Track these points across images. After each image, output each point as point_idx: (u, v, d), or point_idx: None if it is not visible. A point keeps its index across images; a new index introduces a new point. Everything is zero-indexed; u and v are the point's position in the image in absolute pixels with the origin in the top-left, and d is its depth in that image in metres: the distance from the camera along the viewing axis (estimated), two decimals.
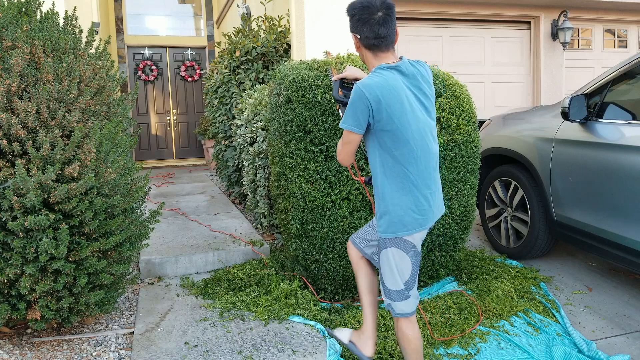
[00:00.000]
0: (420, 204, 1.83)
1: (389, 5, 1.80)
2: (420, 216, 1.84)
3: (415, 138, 1.79)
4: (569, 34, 7.24)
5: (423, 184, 1.83)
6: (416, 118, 1.79)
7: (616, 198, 2.81)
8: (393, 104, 1.73)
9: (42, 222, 2.05)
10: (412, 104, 1.79)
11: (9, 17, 2.31)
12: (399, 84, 1.77)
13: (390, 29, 1.80)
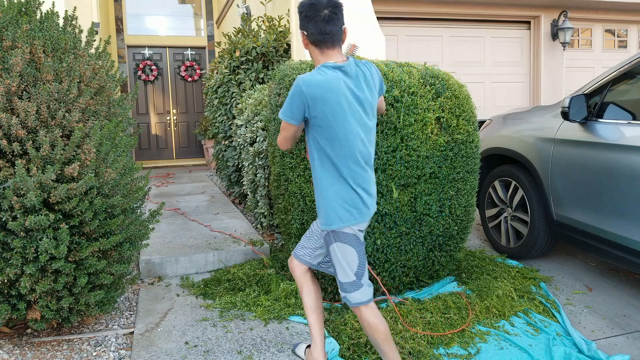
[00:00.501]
0: (352, 199, 1.91)
1: (336, 4, 1.87)
2: (354, 209, 1.91)
3: (348, 138, 1.86)
4: (569, 34, 7.24)
5: (354, 181, 1.90)
6: (351, 119, 1.86)
7: (616, 198, 2.81)
8: (329, 103, 1.81)
9: (42, 222, 2.05)
10: (350, 105, 1.86)
11: (9, 17, 2.31)
12: (340, 84, 1.83)
13: (335, 27, 1.85)
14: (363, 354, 2.35)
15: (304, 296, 2.18)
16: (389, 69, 2.85)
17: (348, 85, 1.86)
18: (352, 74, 1.88)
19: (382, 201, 2.78)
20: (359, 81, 1.90)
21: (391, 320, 2.62)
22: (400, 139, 2.76)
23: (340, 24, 1.88)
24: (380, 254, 2.87)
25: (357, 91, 1.88)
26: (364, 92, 1.91)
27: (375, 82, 2.00)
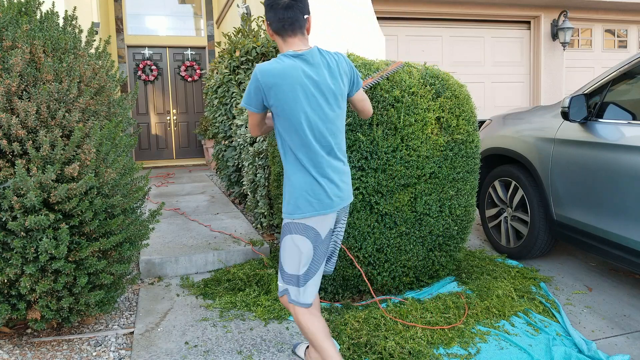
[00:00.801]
0: (313, 189, 1.86)
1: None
2: (315, 200, 1.86)
3: (303, 127, 1.83)
4: (569, 34, 7.24)
5: (316, 170, 1.86)
6: (307, 108, 1.83)
7: (616, 198, 2.81)
8: (285, 90, 1.79)
9: (42, 222, 2.05)
10: (307, 94, 1.82)
11: (9, 17, 2.31)
12: (297, 72, 1.81)
13: (295, 14, 1.85)
14: (363, 354, 2.35)
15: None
16: None
17: (307, 73, 1.83)
18: (314, 62, 1.86)
19: (382, 201, 2.78)
20: (321, 69, 1.86)
21: (391, 321, 2.62)
22: (400, 139, 2.76)
23: (301, 11, 1.87)
24: (380, 254, 2.88)
25: (318, 79, 1.85)
26: (326, 81, 1.87)
27: (342, 71, 1.94)
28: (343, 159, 1.97)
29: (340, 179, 1.93)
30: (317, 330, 1.92)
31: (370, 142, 2.72)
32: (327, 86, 1.87)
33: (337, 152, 1.93)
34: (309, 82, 1.83)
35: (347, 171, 2.00)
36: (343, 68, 1.95)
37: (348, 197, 1.99)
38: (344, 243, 2.81)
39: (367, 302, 2.92)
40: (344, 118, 1.97)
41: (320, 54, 1.90)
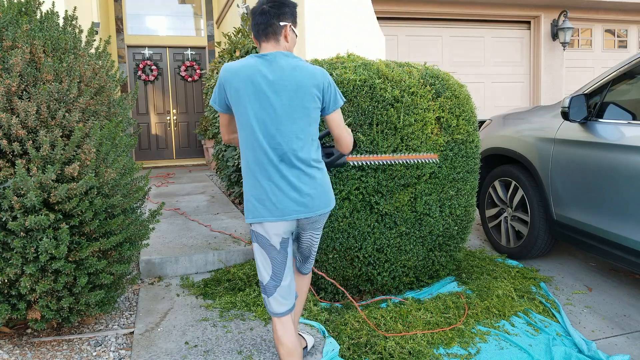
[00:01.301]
0: (258, 193, 1.83)
1: (272, 0, 1.89)
2: (259, 205, 1.82)
3: (253, 126, 1.80)
4: (569, 34, 7.24)
5: (261, 173, 1.82)
6: (260, 106, 1.79)
7: (616, 198, 2.81)
8: (238, 87, 1.80)
9: (42, 222, 2.05)
10: (259, 91, 1.80)
11: (9, 17, 2.31)
12: (252, 70, 1.80)
13: (268, 20, 1.86)
14: (363, 354, 2.35)
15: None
16: (389, 69, 2.85)
17: (263, 72, 1.80)
18: (274, 63, 1.82)
19: (382, 201, 2.78)
20: (282, 72, 1.81)
21: (391, 320, 2.62)
22: (400, 139, 2.76)
23: (277, 18, 1.87)
24: (380, 254, 2.88)
25: (274, 79, 1.80)
26: (285, 82, 1.80)
27: (312, 82, 1.83)
28: (303, 166, 1.83)
29: (297, 188, 1.82)
30: (282, 347, 1.88)
31: (370, 142, 2.72)
32: (284, 87, 1.80)
33: (293, 158, 1.81)
34: (262, 80, 1.80)
35: (315, 177, 1.86)
36: (316, 80, 1.85)
37: (315, 207, 1.86)
38: (344, 243, 2.81)
39: (367, 302, 2.92)
40: (309, 126, 1.84)
41: (286, 58, 1.84)
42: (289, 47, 1.92)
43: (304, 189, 1.83)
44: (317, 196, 1.86)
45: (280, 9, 1.88)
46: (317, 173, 1.88)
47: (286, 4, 1.91)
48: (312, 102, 1.83)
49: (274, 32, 1.88)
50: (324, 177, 1.91)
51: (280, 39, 1.89)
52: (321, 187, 1.88)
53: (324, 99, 1.88)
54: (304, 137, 1.83)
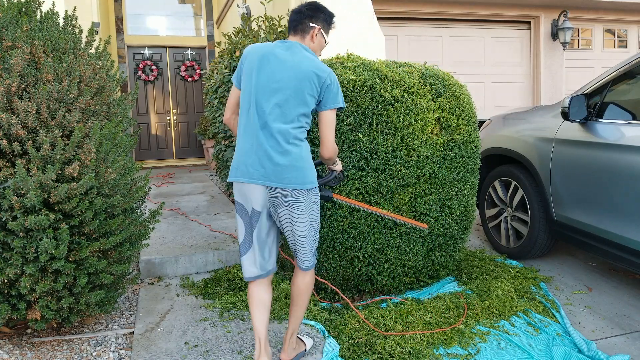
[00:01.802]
0: (238, 156, 2.02)
1: (311, 4, 2.15)
2: (236, 167, 2.02)
3: (250, 91, 2.00)
4: (569, 34, 7.24)
5: (244, 137, 2.00)
6: (262, 76, 1.99)
7: (616, 198, 2.81)
8: (252, 60, 2.03)
9: (42, 222, 2.05)
10: (266, 65, 1.99)
11: (9, 17, 2.31)
12: (269, 49, 2.03)
13: (300, 18, 2.10)
14: (363, 354, 2.35)
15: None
16: (389, 69, 2.85)
17: (276, 53, 2.01)
18: (290, 48, 2.04)
19: (382, 201, 2.78)
20: (294, 56, 2.01)
21: (391, 320, 2.62)
22: (400, 139, 2.76)
23: (307, 18, 2.09)
24: (380, 254, 2.88)
25: (283, 58, 2.00)
26: (290, 63, 1.98)
27: (313, 77, 1.96)
28: (280, 138, 1.94)
29: (270, 156, 1.94)
30: (250, 300, 2.12)
31: (370, 142, 2.72)
32: (288, 67, 1.98)
33: (273, 129, 1.94)
34: (272, 57, 2.01)
35: (290, 152, 1.94)
36: (319, 73, 1.98)
37: (286, 180, 1.94)
38: (344, 243, 2.81)
39: (367, 302, 2.92)
40: (298, 106, 1.96)
41: (301, 49, 2.04)
42: (313, 47, 2.12)
43: (276, 159, 1.95)
44: (289, 170, 1.95)
45: (314, 12, 2.11)
46: (294, 149, 1.97)
47: (321, 10, 2.14)
48: (309, 89, 1.97)
49: (302, 30, 2.10)
50: (301, 154, 1.98)
51: (307, 38, 2.10)
52: (295, 161, 1.96)
53: (322, 93, 2.00)
54: (289, 114, 1.96)
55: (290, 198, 1.98)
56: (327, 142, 2.07)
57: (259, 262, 2.09)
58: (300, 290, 2.17)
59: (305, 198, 2.00)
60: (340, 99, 2.03)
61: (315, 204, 2.06)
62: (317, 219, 2.09)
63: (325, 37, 2.16)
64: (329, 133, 2.05)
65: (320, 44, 2.15)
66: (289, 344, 2.21)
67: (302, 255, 2.11)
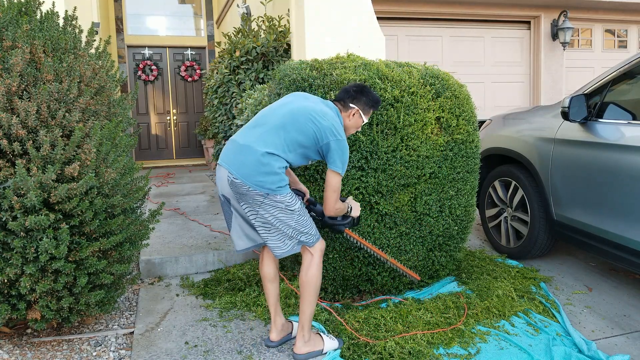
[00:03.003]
0: (230, 140, 2.23)
1: (357, 86, 2.33)
2: (225, 150, 2.21)
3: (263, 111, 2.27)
4: (569, 34, 7.24)
5: (243, 130, 2.21)
6: (284, 103, 2.27)
7: (616, 198, 2.81)
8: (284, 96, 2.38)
9: (43, 222, 2.05)
10: (291, 100, 2.28)
11: (9, 17, 2.31)
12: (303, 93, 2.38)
13: (344, 96, 2.31)
14: (363, 354, 2.35)
15: None
16: (389, 69, 2.85)
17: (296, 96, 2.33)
18: (319, 100, 2.28)
19: (382, 201, 2.78)
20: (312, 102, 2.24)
21: (391, 320, 2.62)
22: (400, 139, 2.76)
23: (349, 99, 2.29)
24: None
25: (306, 99, 2.27)
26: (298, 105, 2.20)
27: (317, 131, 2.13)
28: (255, 142, 2.10)
29: (241, 150, 2.11)
30: (261, 275, 2.44)
31: (370, 142, 2.72)
32: (309, 105, 2.21)
33: (260, 134, 2.12)
34: (301, 96, 2.31)
35: (260, 155, 2.07)
36: (328, 132, 2.13)
37: (239, 171, 2.09)
38: (344, 243, 2.81)
39: (367, 302, 2.92)
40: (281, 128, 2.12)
41: (330, 109, 2.23)
42: (348, 124, 2.30)
43: (242, 155, 2.11)
44: (250, 168, 2.08)
45: (357, 95, 2.29)
46: (261, 153, 2.08)
47: (366, 94, 2.30)
48: (313, 133, 2.13)
49: (343, 105, 2.30)
50: (262, 161, 2.08)
51: (344, 113, 2.29)
52: (252, 163, 2.08)
53: (324, 152, 2.17)
54: (282, 132, 2.12)
55: (245, 197, 2.18)
56: (326, 201, 2.24)
57: (240, 237, 2.33)
58: (301, 281, 2.28)
59: (261, 201, 2.14)
60: (337, 163, 2.15)
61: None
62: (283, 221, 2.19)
63: (364, 118, 2.33)
64: (327, 193, 2.21)
65: (357, 123, 2.33)
66: (300, 337, 2.29)
67: (272, 248, 2.27)
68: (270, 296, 2.39)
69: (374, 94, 2.34)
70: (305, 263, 2.26)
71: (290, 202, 2.13)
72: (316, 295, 2.26)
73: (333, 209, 2.24)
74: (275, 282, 2.40)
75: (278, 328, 2.40)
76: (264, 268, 2.42)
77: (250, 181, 2.07)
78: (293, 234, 2.18)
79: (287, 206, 2.12)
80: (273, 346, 2.39)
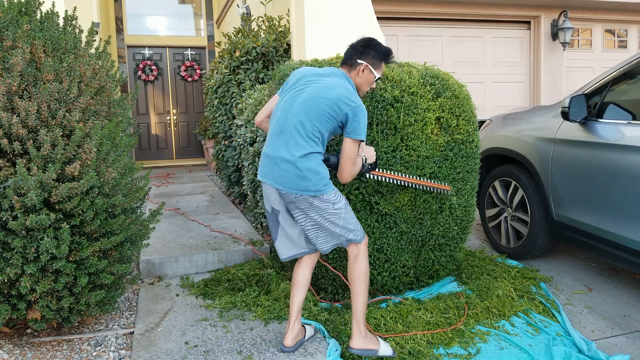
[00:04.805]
0: (262, 157, 2.22)
1: (364, 40, 2.29)
2: (261, 165, 2.22)
3: (280, 101, 2.25)
4: (569, 34, 7.24)
5: (268, 140, 2.21)
6: (293, 92, 2.21)
7: (616, 198, 2.81)
8: (290, 80, 2.32)
9: (43, 221, 2.05)
10: (298, 88, 2.22)
11: (9, 17, 2.31)
12: (306, 71, 2.28)
13: (351, 54, 2.27)
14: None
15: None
16: (389, 69, 2.85)
17: (310, 73, 2.25)
18: (324, 73, 2.23)
19: (382, 201, 2.78)
20: (324, 79, 2.19)
21: (391, 321, 2.62)
22: (400, 139, 2.76)
23: (357, 54, 2.25)
24: (380, 254, 2.88)
25: (312, 79, 2.21)
26: (317, 86, 2.16)
27: (337, 103, 2.10)
28: (285, 151, 2.10)
29: (276, 163, 2.12)
30: (292, 279, 2.39)
31: (370, 142, 2.72)
32: (314, 87, 2.15)
33: (285, 141, 2.11)
34: (304, 77, 2.24)
35: (293, 163, 2.08)
36: (339, 102, 2.09)
37: (281, 183, 2.11)
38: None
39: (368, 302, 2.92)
40: (300, 126, 2.10)
41: (336, 77, 2.21)
42: (359, 82, 2.26)
43: (281, 165, 2.11)
44: (287, 174, 2.10)
45: (365, 49, 2.24)
46: (297, 160, 2.08)
47: (373, 47, 2.24)
48: (328, 112, 2.10)
49: (350, 65, 2.26)
50: (300, 167, 2.08)
51: (353, 72, 2.25)
52: (298, 170, 2.08)
53: (344, 122, 2.13)
54: (300, 132, 2.09)
55: (295, 204, 2.18)
56: (341, 168, 2.20)
57: (286, 246, 2.32)
58: (351, 275, 2.27)
59: (311, 204, 2.14)
60: (360, 132, 2.11)
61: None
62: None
63: (375, 73, 2.26)
64: (344, 160, 2.17)
65: (369, 79, 2.27)
66: (356, 331, 2.27)
67: (319, 247, 2.29)
68: (296, 302, 2.34)
69: (383, 46, 2.27)
70: (352, 258, 2.27)
71: (335, 199, 2.16)
72: (367, 288, 2.27)
73: (349, 176, 2.21)
74: (305, 289, 2.37)
75: (295, 333, 2.34)
76: (299, 273, 2.37)
77: (296, 188, 2.09)
78: (341, 232, 2.20)
79: (334, 204, 2.15)
80: (289, 351, 2.32)
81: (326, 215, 2.15)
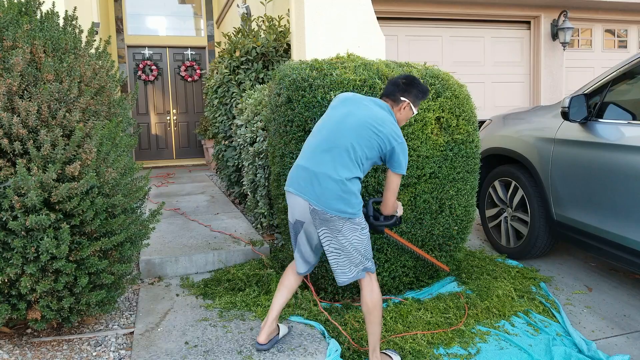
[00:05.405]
0: (295, 168, 2.21)
1: (407, 78, 2.31)
2: (295, 177, 2.18)
3: (326, 120, 2.24)
4: (569, 34, 7.24)
5: (305, 154, 2.19)
6: (342, 116, 2.19)
7: (616, 198, 2.81)
8: (334, 102, 2.32)
9: (43, 221, 2.05)
10: (347, 109, 2.21)
11: (9, 17, 2.31)
12: (350, 95, 2.31)
13: (393, 90, 2.29)
14: (363, 354, 2.35)
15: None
16: (389, 69, 2.85)
17: (353, 97, 2.28)
18: (368, 101, 2.25)
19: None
20: (369, 106, 2.21)
21: (391, 320, 2.62)
22: None
23: (400, 92, 2.27)
24: (380, 254, 2.88)
25: (355, 101, 2.24)
26: (360, 112, 2.18)
27: (380, 130, 2.14)
28: (331, 169, 2.09)
29: (317, 178, 2.10)
30: (281, 279, 2.42)
31: None
32: (364, 112, 2.17)
33: (332, 159, 2.09)
34: (351, 100, 2.26)
35: (339, 183, 2.07)
36: (382, 134, 2.13)
37: (319, 200, 2.08)
38: None
39: None
40: (351, 148, 2.11)
41: (382, 109, 2.22)
42: (400, 117, 2.29)
43: (320, 181, 2.10)
44: (332, 196, 2.08)
45: (408, 87, 2.28)
46: (337, 180, 2.09)
47: (415, 85, 2.29)
48: (378, 144, 2.15)
49: (394, 100, 2.29)
50: (344, 189, 2.09)
51: (395, 108, 2.28)
52: (342, 192, 2.08)
53: (387, 156, 2.18)
54: (343, 154, 2.11)
55: (325, 224, 2.15)
56: (385, 201, 2.28)
57: (301, 261, 2.33)
58: (367, 306, 2.22)
59: (338, 228, 2.14)
60: (401, 165, 2.17)
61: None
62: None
63: (414, 110, 2.32)
64: (387, 193, 2.26)
65: (407, 116, 2.32)
66: (374, 358, 2.23)
67: (331, 263, 2.24)
68: (279, 301, 2.36)
69: (423, 85, 2.33)
70: (368, 287, 2.22)
71: (364, 225, 2.18)
72: (381, 315, 2.24)
73: (392, 209, 2.29)
74: (290, 292, 2.39)
75: (270, 331, 2.35)
76: (288, 278, 2.39)
77: (334, 209, 2.07)
78: (361, 259, 2.18)
79: (362, 229, 2.16)
80: (264, 349, 2.35)
81: (352, 240, 2.14)
